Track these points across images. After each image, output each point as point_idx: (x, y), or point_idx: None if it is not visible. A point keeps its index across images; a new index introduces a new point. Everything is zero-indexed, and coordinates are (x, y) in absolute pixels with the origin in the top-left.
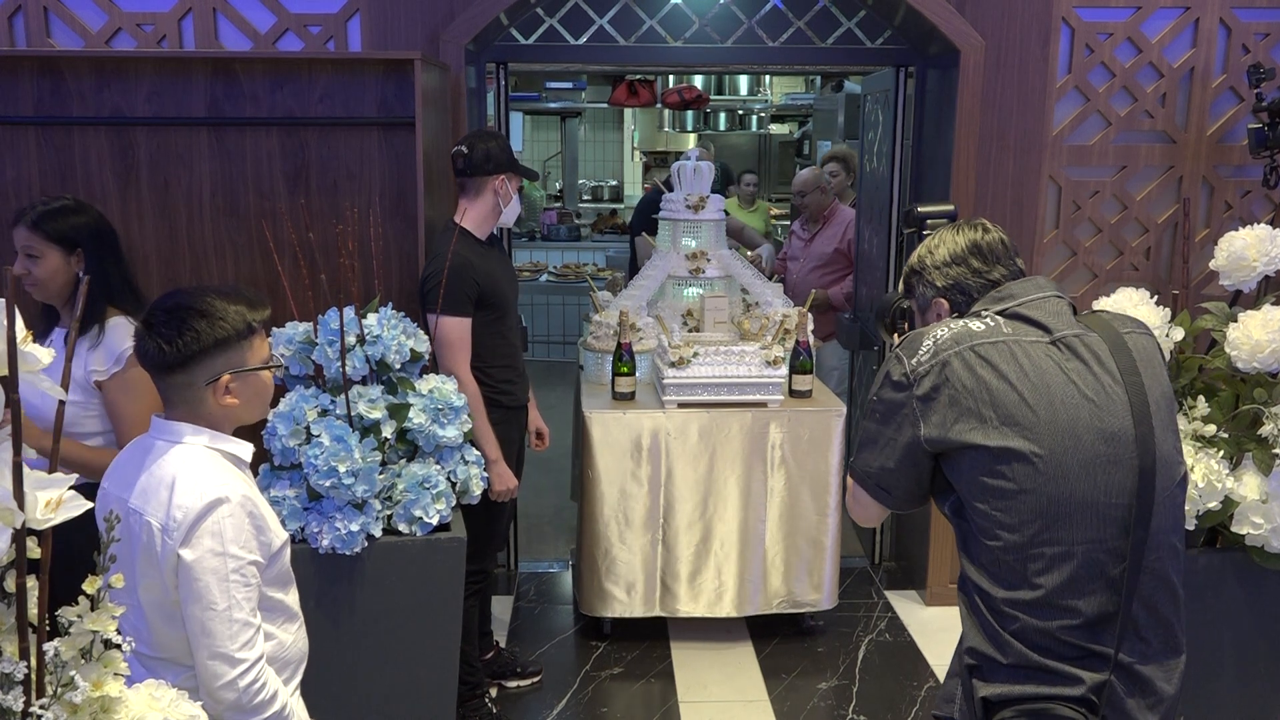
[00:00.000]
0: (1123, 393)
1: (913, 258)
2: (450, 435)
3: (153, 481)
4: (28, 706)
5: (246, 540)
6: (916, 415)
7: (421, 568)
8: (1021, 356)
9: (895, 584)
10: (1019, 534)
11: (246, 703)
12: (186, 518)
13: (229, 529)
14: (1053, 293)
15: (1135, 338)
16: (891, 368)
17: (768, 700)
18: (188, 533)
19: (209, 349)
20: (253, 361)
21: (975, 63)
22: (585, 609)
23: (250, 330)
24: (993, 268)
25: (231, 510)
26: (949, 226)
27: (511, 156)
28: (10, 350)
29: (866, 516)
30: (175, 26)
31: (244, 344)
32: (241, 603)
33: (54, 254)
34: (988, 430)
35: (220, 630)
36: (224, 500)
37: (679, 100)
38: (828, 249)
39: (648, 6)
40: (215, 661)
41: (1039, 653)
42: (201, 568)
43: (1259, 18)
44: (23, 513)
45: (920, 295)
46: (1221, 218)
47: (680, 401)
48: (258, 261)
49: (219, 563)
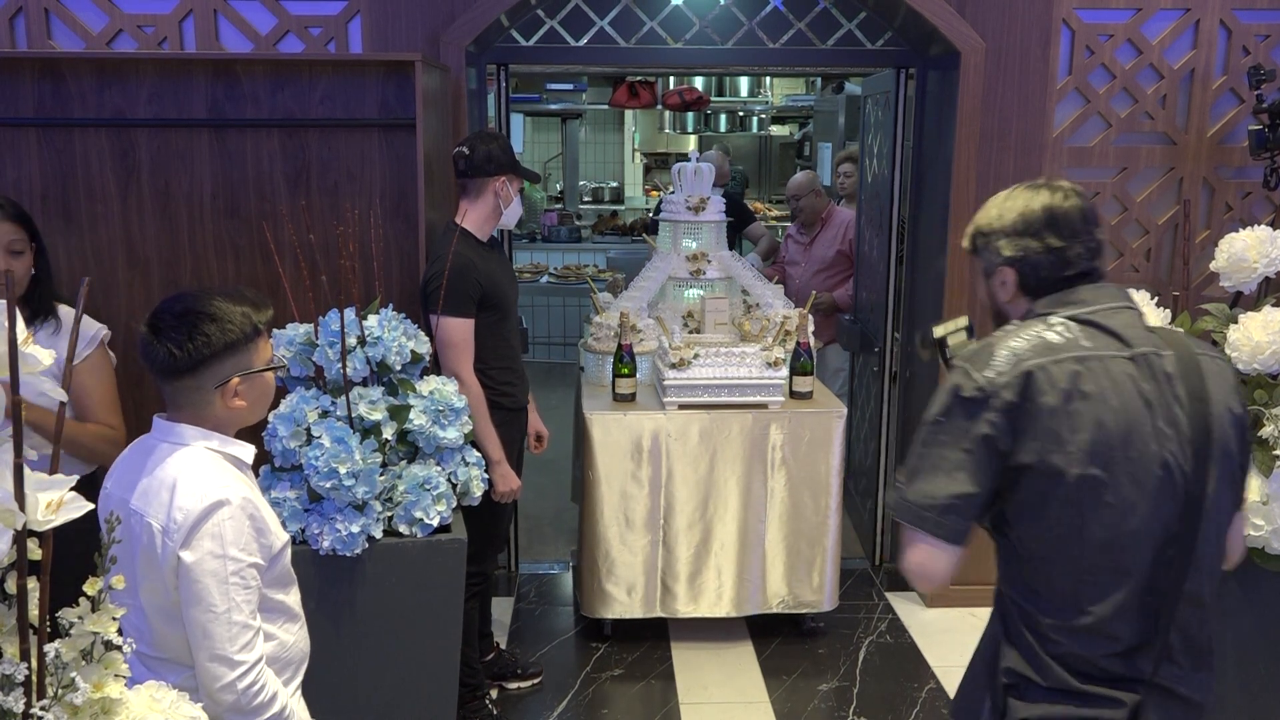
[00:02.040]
0: (1186, 420)
1: (980, 215)
2: (451, 437)
3: (154, 483)
4: (28, 708)
5: (247, 543)
6: (998, 430)
7: (422, 569)
8: (1103, 377)
9: (896, 585)
10: (1077, 561)
11: (246, 704)
12: (187, 520)
13: (229, 531)
14: (1125, 303)
15: (1209, 361)
16: (960, 382)
17: (768, 701)
18: (188, 535)
19: (219, 353)
20: (258, 363)
21: (976, 64)
22: (586, 610)
23: (256, 332)
24: (1070, 244)
25: (232, 513)
26: (1023, 185)
27: (513, 158)
28: (11, 352)
29: (935, 571)
30: (176, 28)
31: (250, 346)
32: (241, 605)
33: (29, 249)
34: (1067, 455)
35: (219, 632)
36: (225, 503)
37: (679, 102)
38: (829, 252)
39: (648, 8)
40: (214, 664)
41: (1079, 678)
42: (201, 570)
43: (1259, 19)
44: (24, 514)
45: (986, 260)
46: (1222, 219)
47: (681, 403)
48: (258, 263)
49: (219, 565)
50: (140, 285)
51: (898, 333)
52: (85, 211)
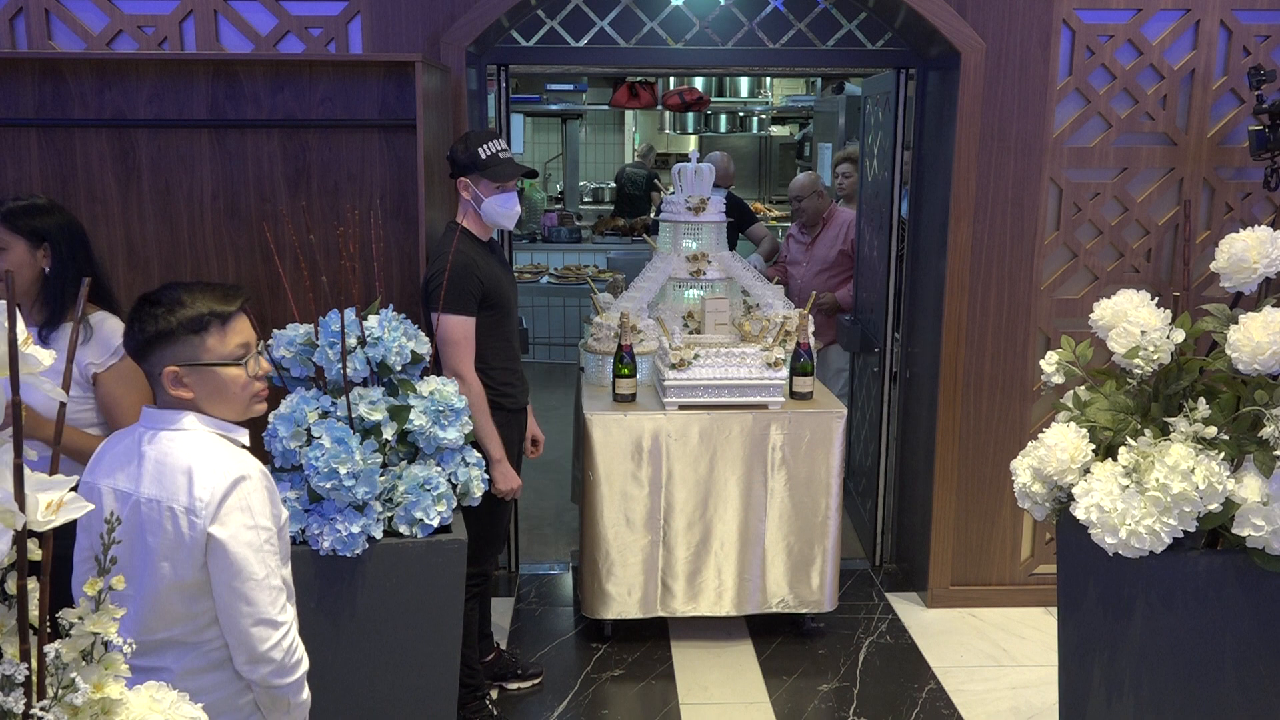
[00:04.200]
0: None
1: None
2: (451, 437)
3: (166, 470)
4: (28, 708)
5: (269, 511)
6: None
7: (422, 570)
8: None
9: (896, 586)
10: None
11: (288, 663)
12: (214, 497)
13: (255, 503)
14: None
15: None
16: None
17: (768, 702)
18: (216, 511)
19: (153, 340)
20: (212, 354)
21: (976, 65)
22: (586, 611)
23: (203, 323)
24: None
25: (254, 485)
26: None
27: (473, 159)
28: (11, 352)
29: None
30: (176, 28)
31: (194, 338)
32: (275, 569)
33: (20, 246)
34: None
35: (261, 597)
36: (246, 477)
37: (680, 102)
38: (831, 252)
39: (648, 8)
40: (260, 628)
41: None
42: (237, 542)
43: (1260, 20)
44: (24, 514)
45: None
46: (1222, 220)
47: (681, 403)
48: (259, 263)
49: (252, 535)
50: (141, 286)
51: (898, 333)
52: (85, 212)
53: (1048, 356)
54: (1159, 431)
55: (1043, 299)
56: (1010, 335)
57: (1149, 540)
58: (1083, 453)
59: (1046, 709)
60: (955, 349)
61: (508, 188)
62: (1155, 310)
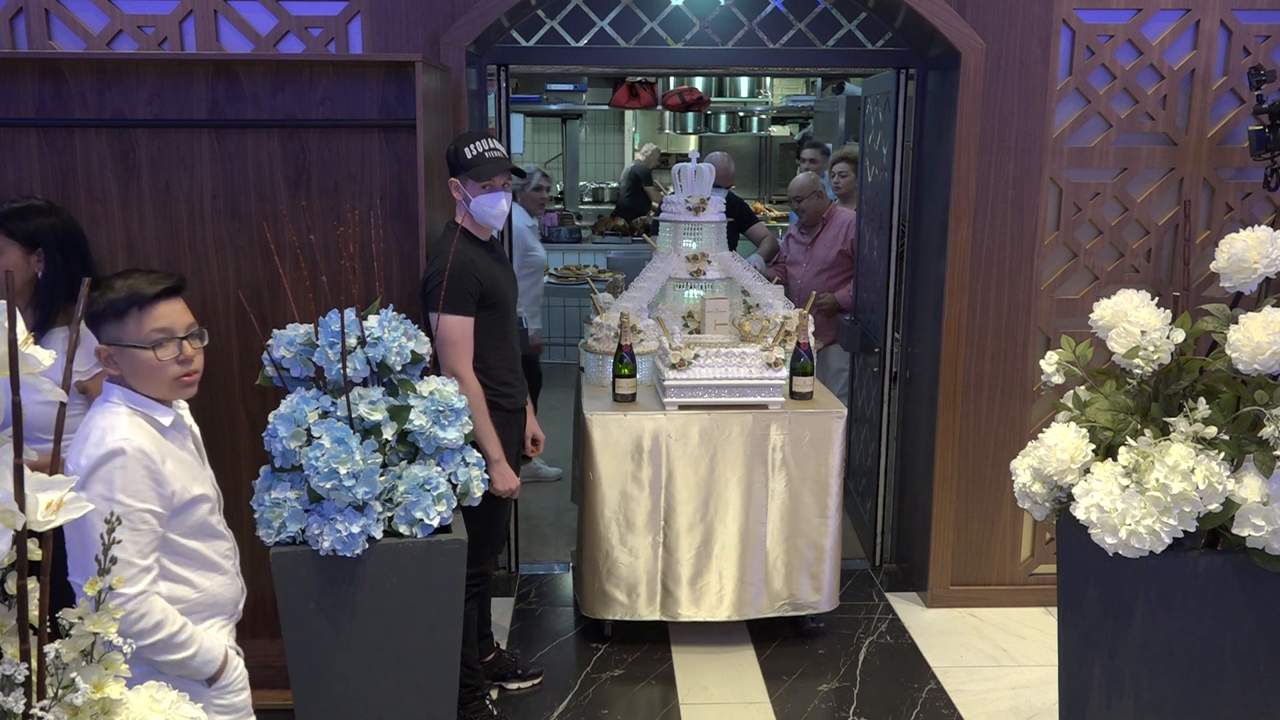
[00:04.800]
0: None
1: None
2: (451, 437)
3: (78, 438)
4: (28, 708)
5: (138, 490)
6: None
7: (422, 570)
8: None
9: (896, 586)
10: None
11: (126, 629)
12: (86, 465)
13: (120, 479)
14: None
15: None
16: None
17: (768, 702)
18: (85, 479)
19: (91, 319)
20: (134, 335)
21: (976, 65)
22: (586, 611)
23: (122, 306)
24: None
25: (125, 462)
26: None
27: (459, 159)
28: (11, 352)
29: None
30: (176, 28)
31: (117, 320)
32: (126, 545)
33: (13, 250)
34: None
35: (94, 568)
36: (119, 452)
37: (680, 102)
38: (831, 252)
39: (648, 8)
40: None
41: None
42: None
43: (1260, 20)
44: (24, 514)
45: None
46: (1222, 220)
47: (681, 403)
48: (259, 263)
49: (104, 507)
50: None
51: (898, 333)
52: (85, 212)
53: (1048, 356)
54: (1159, 431)
55: (1043, 299)
56: (1010, 335)
57: (1149, 540)
58: (1083, 453)
59: (1046, 709)
60: (955, 349)
61: (494, 187)
62: (1155, 310)
